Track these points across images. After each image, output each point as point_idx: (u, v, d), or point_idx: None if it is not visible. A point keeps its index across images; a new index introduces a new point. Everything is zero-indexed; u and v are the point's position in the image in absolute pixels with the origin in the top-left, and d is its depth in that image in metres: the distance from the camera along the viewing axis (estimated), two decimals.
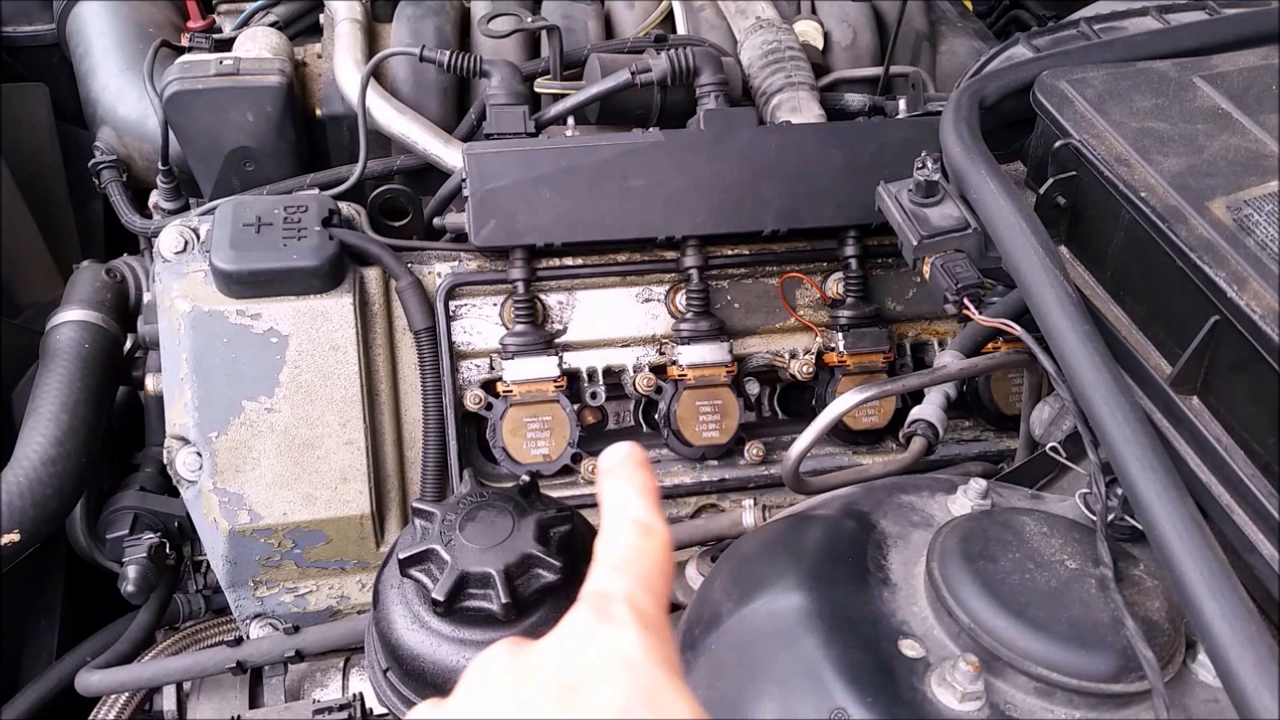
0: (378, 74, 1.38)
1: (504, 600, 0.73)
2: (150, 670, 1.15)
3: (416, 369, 1.19)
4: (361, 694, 1.11)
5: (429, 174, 1.39)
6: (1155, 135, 0.88)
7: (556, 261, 1.23)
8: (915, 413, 1.06)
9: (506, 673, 0.52)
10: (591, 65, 1.37)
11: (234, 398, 1.12)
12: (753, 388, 1.28)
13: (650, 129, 1.25)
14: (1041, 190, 0.93)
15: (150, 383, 1.26)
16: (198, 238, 1.17)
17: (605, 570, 0.57)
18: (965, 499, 0.84)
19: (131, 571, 1.23)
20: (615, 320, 1.24)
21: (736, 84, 1.40)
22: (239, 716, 1.09)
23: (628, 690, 0.49)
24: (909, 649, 0.71)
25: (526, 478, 1.20)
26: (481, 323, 1.22)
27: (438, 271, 1.21)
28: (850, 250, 1.24)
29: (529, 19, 1.39)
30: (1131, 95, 0.93)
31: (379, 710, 0.97)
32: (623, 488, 0.62)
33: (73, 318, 1.27)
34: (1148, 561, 0.77)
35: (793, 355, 1.26)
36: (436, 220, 1.29)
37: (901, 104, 1.40)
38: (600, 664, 0.50)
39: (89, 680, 1.13)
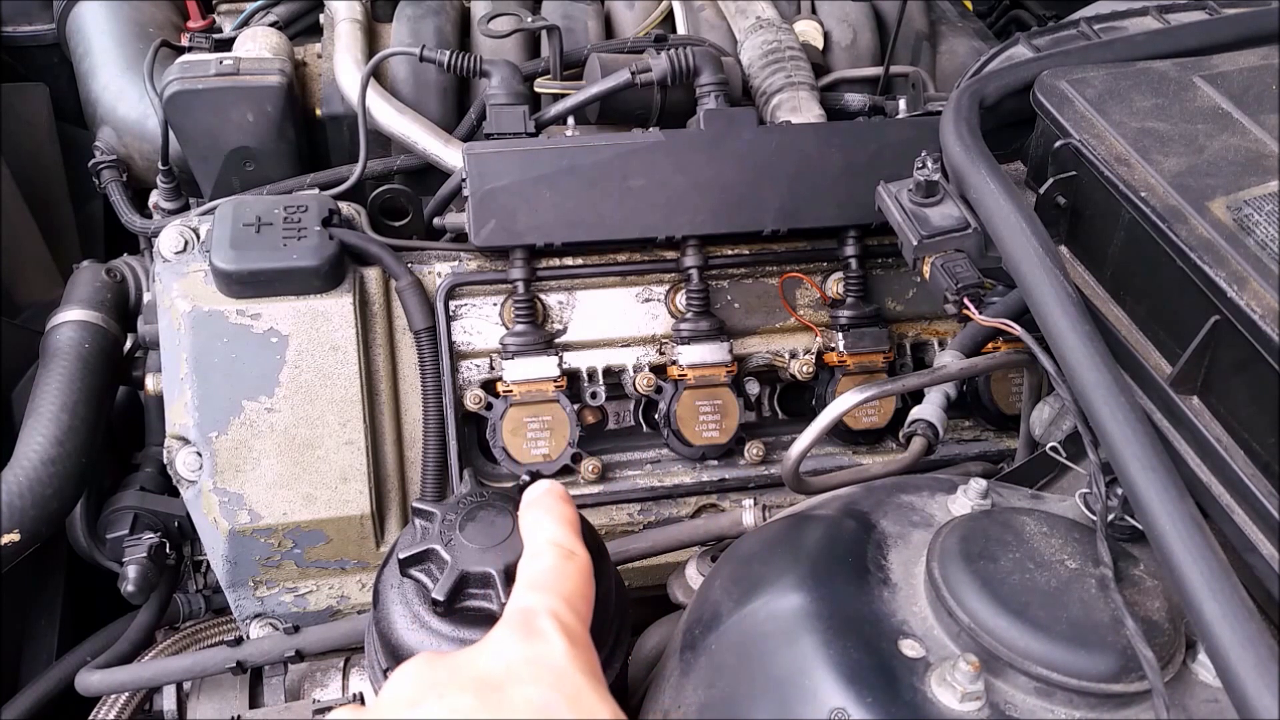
0: (378, 74, 1.39)
1: (504, 600, 0.72)
2: (150, 670, 1.15)
3: (416, 369, 1.19)
4: (361, 694, 1.11)
5: (429, 174, 1.39)
6: (1155, 135, 0.88)
7: (556, 261, 1.23)
8: (915, 413, 1.06)
9: (428, 676, 0.52)
10: (591, 65, 1.37)
11: (234, 398, 1.12)
12: (753, 388, 1.28)
13: (650, 129, 1.25)
14: (1041, 190, 0.93)
15: (150, 383, 1.26)
16: (198, 238, 1.17)
17: (527, 589, 0.58)
18: (965, 499, 0.84)
19: (131, 571, 1.23)
20: (615, 320, 1.24)
21: (736, 84, 1.40)
22: (239, 716, 1.09)
23: (551, 691, 0.50)
24: (909, 649, 0.71)
25: (526, 478, 1.21)
26: (481, 323, 1.22)
27: (438, 271, 1.21)
28: (850, 250, 1.24)
29: (529, 19, 1.39)
30: (1131, 95, 0.93)
31: None
32: (543, 516, 0.64)
33: (73, 318, 1.27)
34: (1148, 561, 0.77)
35: (793, 355, 1.26)
36: (436, 220, 1.29)
37: (901, 104, 1.40)
38: (524, 668, 0.51)
39: (89, 680, 1.13)
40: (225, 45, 1.50)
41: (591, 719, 0.50)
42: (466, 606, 0.75)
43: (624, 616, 0.79)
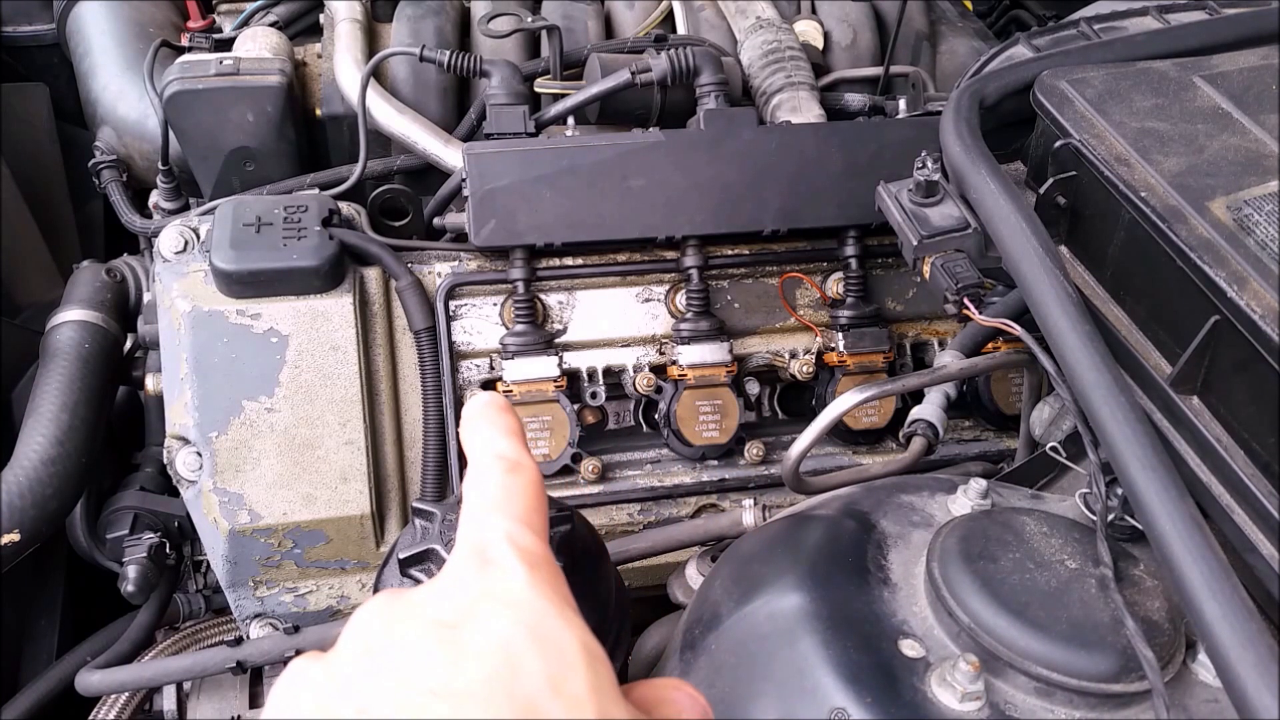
0: (378, 74, 1.39)
1: None
2: (150, 670, 1.15)
3: (416, 369, 1.19)
4: None
5: (429, 174, 1.39)
6: (1155, 135, 0.88)
7: (556, 261, 1.23)
8: (915, 413, 1.06)
9: (383, 617, 0.49)
10: (591, 65, 1.37)
11: (234, 398, 1.12)
12: (753, 388, 1.28)
13: (650, 129, 1.25)
14: (1041, 190, 0.93)
15: (150, 383, 1.26)
16: (198, 238, 1.17)
17: (479, 513, 0.53)
18: (965, 499, 0.84)
19: (131, 571, 1.23)
20: (615, 320, 1.24)
21: (736, 84, 1.40)
22: (239, 716, 1.09)
23: (511, 624, 0.47)
24: (909, 649, 0.71)
25: None
26: (481, 323, 1.22)
27: (438, 271, 1.21)
28: (850, 250, 1.24)
29: (529, 19, 1.39)
30: (1131, 95, 0.93)
31: None
32: (485, 428, 0.58)
33: (73, 318, 1.27)
34: (1148, 561, 0.77)
35: (793, 355, 1.26)
36: (436, 220, 1.29)
37: (901, 104, 1.40)
38: (481, 603, 0.48)
39: (89, 680, 1.13)
40: (225, 45, 1.50)
41: (556, 647, 0.48)
42: None
43: (624, 616, 0.79)
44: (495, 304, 1.23)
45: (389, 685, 0.45)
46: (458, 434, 1.18)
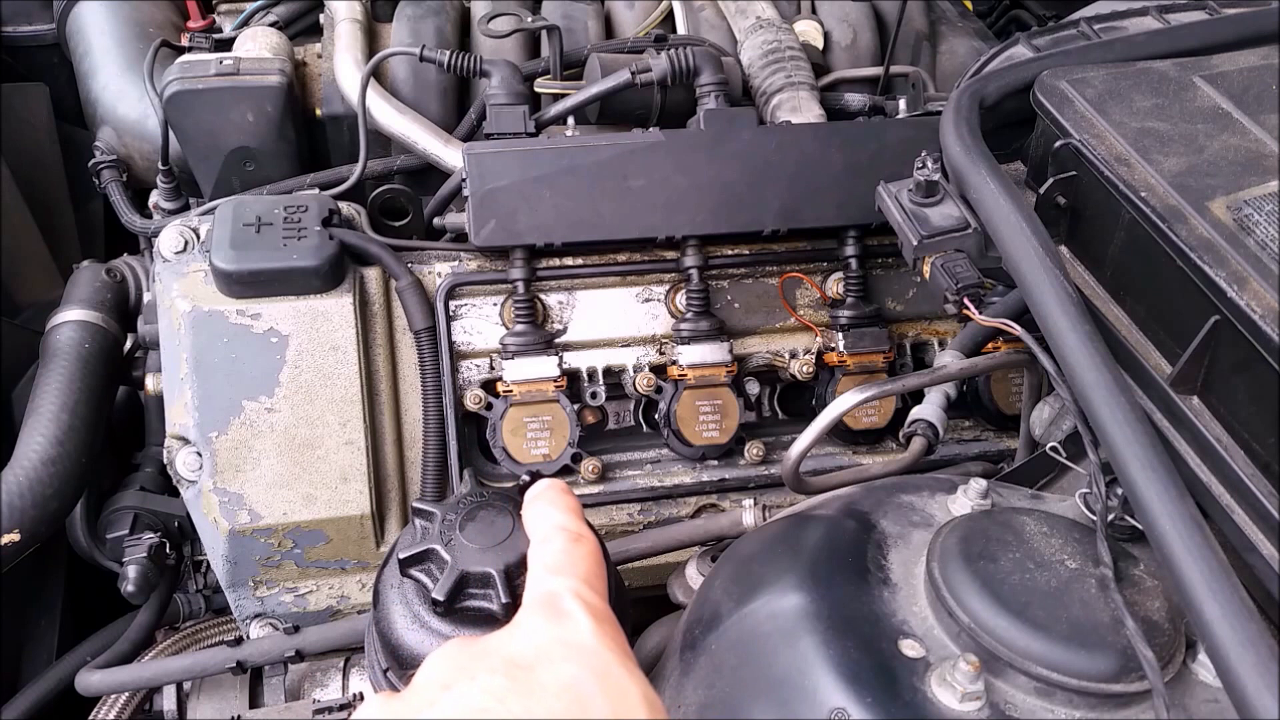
0: (378, 74, 1.39)
1: (504, 600, 0.73)
2: (150, 670, 1.15)
3: (416, 369, 1.19)
4: (361, 694, 1.11)
5: (429, 174, 1.39)
6: (1155, 135, 0.88)
7: (556, 261, 1.23)
8: (915, 413, 1.06)
9: (459, 659, 0.52)
10: (591, 65, 1.37)
11: (234, 398, 1.12)
12: (753, 388, 1.28)
13: (650, 129, 1.25)
14: (1041, 190, 0.93)
15: (150, 383, 1.26)
16: (198, 238, 1.17)
17: (544, 574, 0.58)
18: (965, 499, 0.84)
19: (131, 571, 1.23)
20: (615, 320, 1.24)
21: (736, 84, 1.40)
22: (239, 716, 1.09)
23: (581, 669, 0.50)
24: (909, 649, 0.71)
25: (526, 478, 1.21)
26: (481, 323, 1.22)
27: (438, 271, 1.21)
28: (850, 250, 1.24)
29: (529, 19, 1.39)
30: (1131, 95, 0.93)
31: None
32: (546, 507, 0.65)
33: (73, 318, 1.27)
34: (1148, 561, 0.77)
35: (793, 355, 1.26)
36: (436, 220, 1.29)
37: (901, 104, 1.40)
38: (553, 648, 0.52)
39: (89, 680, 1.13)
40: (225, 45, 1.50)
41: (621, 694, 0.50)
42: (466, 606, 0.75)
43: (624, 616, 0.79)
44: (495, 304, 1.23)
45: (464, 715, 0.47)
46: (458, 434, 1.18)
